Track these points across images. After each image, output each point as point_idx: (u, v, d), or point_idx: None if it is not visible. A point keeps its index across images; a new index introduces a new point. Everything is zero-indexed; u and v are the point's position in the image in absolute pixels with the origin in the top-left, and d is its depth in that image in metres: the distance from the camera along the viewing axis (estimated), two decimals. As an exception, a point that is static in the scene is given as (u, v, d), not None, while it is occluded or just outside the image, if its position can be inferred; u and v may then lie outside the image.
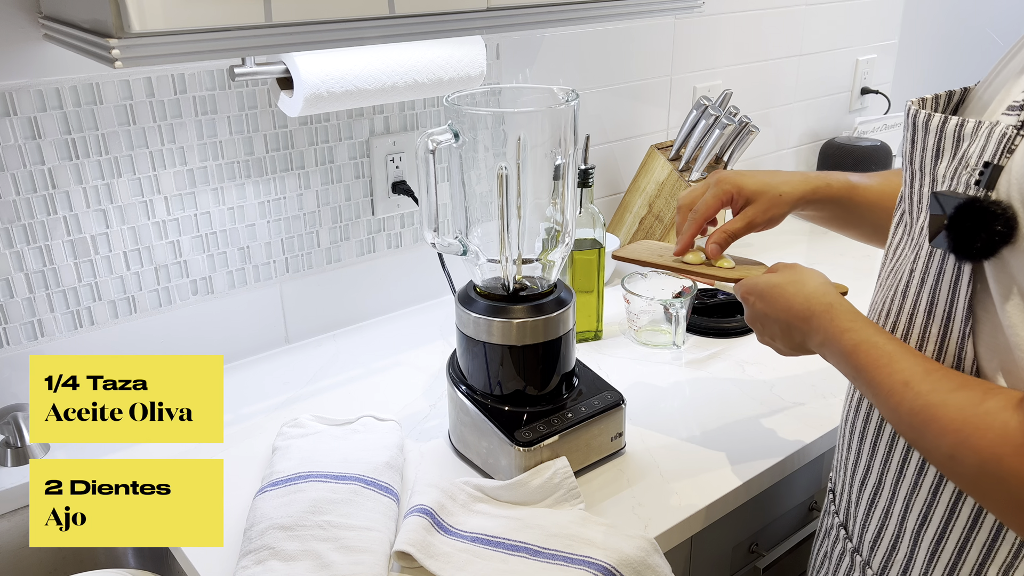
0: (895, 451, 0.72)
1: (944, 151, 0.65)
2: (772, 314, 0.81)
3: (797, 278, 0.80)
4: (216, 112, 1.09)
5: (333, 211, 1.23)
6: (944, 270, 0.65)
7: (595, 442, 0.95)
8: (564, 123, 0.89)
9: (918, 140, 0.68)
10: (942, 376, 0.63)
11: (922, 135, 0.67)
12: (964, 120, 0.64)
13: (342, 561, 0.78)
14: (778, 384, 1.14)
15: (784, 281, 0.81)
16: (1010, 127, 0.59)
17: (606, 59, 1.49)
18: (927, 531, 0.69)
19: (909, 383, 0.64)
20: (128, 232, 1.06)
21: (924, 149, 0.67)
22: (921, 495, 0.69)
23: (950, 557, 0.68)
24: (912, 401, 0.63)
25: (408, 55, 1.04)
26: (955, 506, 0.67)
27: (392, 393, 1.13)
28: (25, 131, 0.96)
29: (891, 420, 0.66)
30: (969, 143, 0.62)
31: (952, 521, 0.67)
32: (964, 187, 0.61)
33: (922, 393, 0.62)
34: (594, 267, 1.22)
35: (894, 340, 0.68)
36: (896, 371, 0.65)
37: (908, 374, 0.64)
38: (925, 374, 0.63)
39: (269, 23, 0.77)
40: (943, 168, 0.65)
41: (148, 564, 1.00)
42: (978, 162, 0.60)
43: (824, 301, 0.76)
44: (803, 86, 1.90)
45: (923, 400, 0.62)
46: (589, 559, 0.80)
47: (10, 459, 0.97)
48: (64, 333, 1.05)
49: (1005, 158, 0.58)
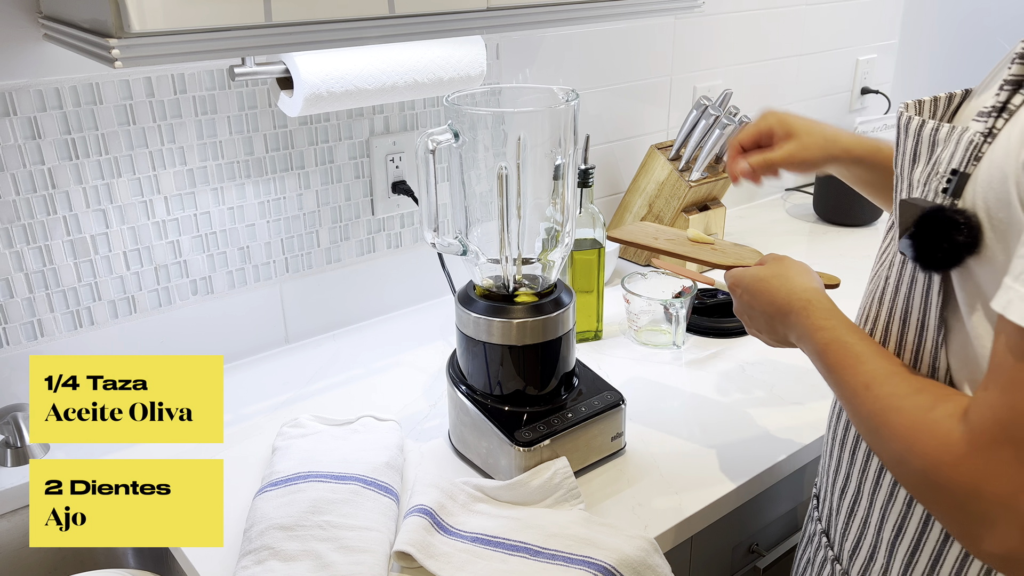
0: (872, 460, 0.71)
1: (920, 156, 0.64)
2: (757, 307, 0.81)
3: (782, 272, 0.80)
4: (216, 112, 1.09)
5: (333, 211, 1.23)
6: (916, 278, 0.64)
7: (595, 442, 0.95)
8: (564, 123, 0.89)
9: (899, 143, 0.67)
10: (901, 380, 0.62)
11: (903, 138, 0.67)
12: (939, 124, 0.62)
13: (342, 561, 0.78)
14: (778, 384, 1.14)
15: (769, 275, 0.81)
16: (978, 134, 0.57)
17: (606, 59, 1.49)
18: (902, 542, 0.69)
19: (870, 385, 0.63)
20: (128, 232, 1.06)
21: (903, 153, 0.67)
22: (896, 505, 0.69)
23: (924, 568, 0.68)
24: (871, 404, 0.62)
25: (408, 55, 1.04)
26: (928, 517, 0.67)
27: (392, 393, 1.13)
28: (25, 131, 0.96)
29: (854, 422, 0.66)
30: (942, 148, 0.61)
31: (926, 532, 0.67)
32: (933, 194, 0.60)
33: (880, 396, 0.62)
34: (594, 267, 1.22)
35: (866, 340, 0.67)
36: (860, 372, 0.65)
37: (871, 376, 0.64)
38: (887, 376, 0.63)
39: (269, 23, 0.77)
40: (918, 173, 0.64)
41: (148, 564, 1.00)
42: (947, 169, 0.59)
43: (804, 297, 0.75)
44: (803, 86, 1.90)
45: (880, 403, 0.62)
46: (589, 559, 0.80)
47: (10, 459, 0.97)
48: (64, 333, 1.05)
49: (972, 166, 0.57)
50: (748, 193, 1.89)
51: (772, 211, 1.87)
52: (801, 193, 1.96)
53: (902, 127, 0.67)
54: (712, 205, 1.52)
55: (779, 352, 1.22)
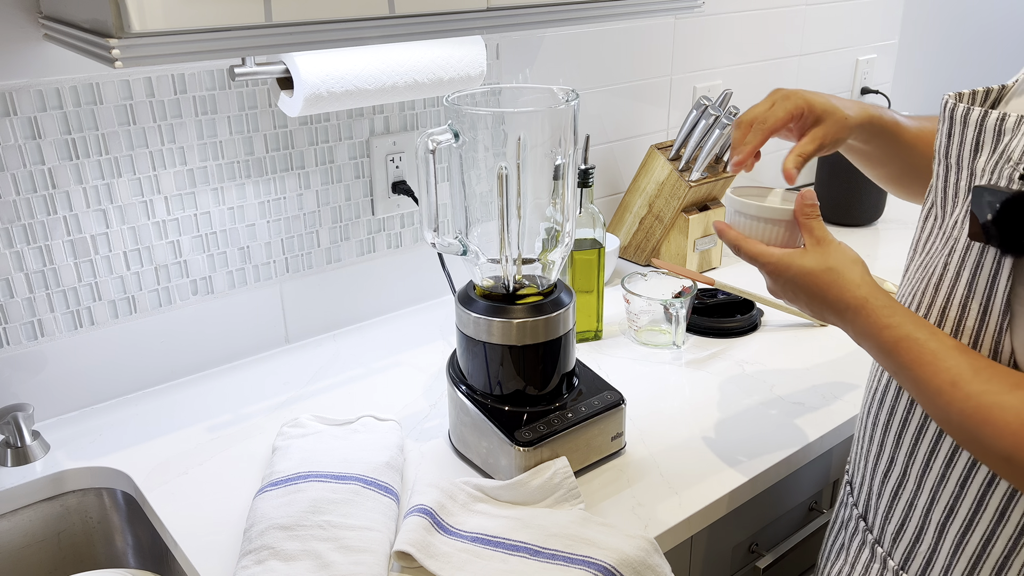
0: (921, 443, 0.72)
1: (984, 145, 0.65)
2: (803, 298, 0.78)
3: (832, 265, 0.76)
4: (216, 112, 1.09)
5: (333, 211, 1.23)
6: (982, 264, 0.64)
7: (595, 442, 0.95)
8: (564, 123, 0.89)
9: (955, 134, 0.68)
10: (992, 375, 0.62)
11: (960, 129, 0.67)
12: (1006, 114, 0.64)
13: (342, 561, 0.78)
14: (778, 384, 1.14)
15: (819, 268, 0.77)
16: None
17: (606, 59, 1.49)
18: (953, 523, 0.70)
19: (957, 383, 0.63)
20: (128, 232, 1.06)
21: (962, 143, 0.67)
22: (948, 488, 0.70)
23: (975, 550, 0.69)
24: (963, 402, 0.62)
25: (408, 55, 1.04)
26: (983, 499, 0.67)
27: (392, 393, 1.13)
28: (25, 131, 0.96)
29: (938, 419, 0.65)
30: (1011, 137, 0.62)
31: (979, 514, 0.68)
32: (1006, 181, 0.61)
33: (973, 394, 0.62)
34: (594, 267, 1.22)
35: (938, 335, 0.67)
36: (942, 370, 0.64)
37: (955, 373, 0.63)
38: (974, 373, 0.63)
39: (269, 23, 0.77)
40: (982, 162, 0.65)
41: (148, 564, 1.00)
42: (1021, 156, 0.60)
43: (859, 295, 0.73)
44: (803, 86, 1.89)
45: (975, 401, 0.61)
46: (589, 559, 0.80)
47: (10, 459, 0.97)
48: (64, 333, 1.05)
49: None
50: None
51: (772, 211, 1.87)
52: (801, 193, 1.96)
53: (959, 118, 0.67)
54: (712, 205, 1.52)
55: (779, 352, 1.22)
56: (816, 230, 0.79)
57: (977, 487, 0.67)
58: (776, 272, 0.79)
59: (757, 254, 0.81)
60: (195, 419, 1.07)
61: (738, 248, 0.82)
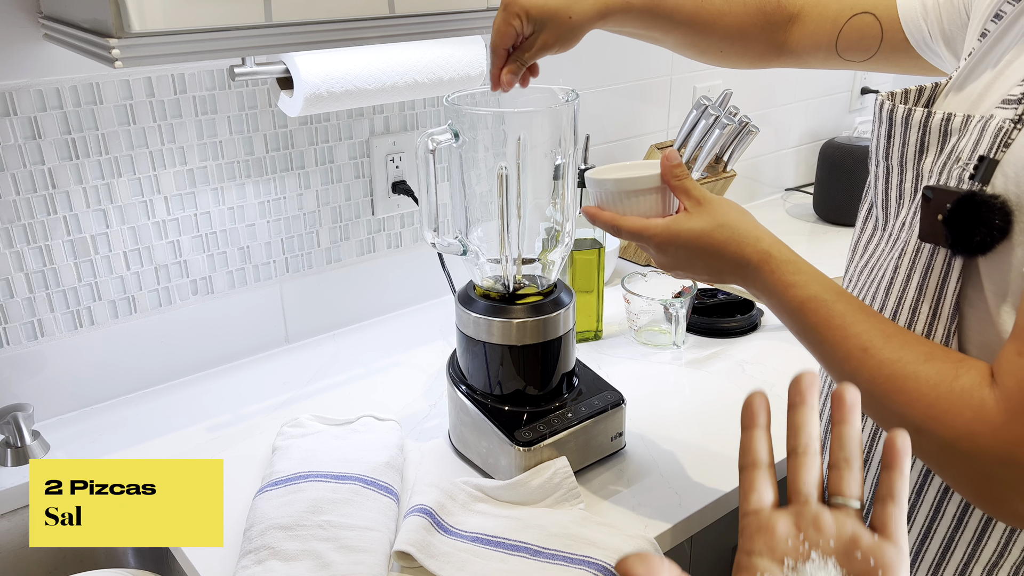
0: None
1: (929, 146, 0.65)
2: (700, 263, 0.74)
3: (723, 221, 0.73)
4: (216, 112, 1.09)
5: (333, 211, 1.23)
6: (932, 266, 0.64)
7: (595, 442, 0.95)
8: (564, 123, 0.89)
9: (895, 135, 0.67)
10: (903, 342, 0.61)
11: (901, 130, 0.67)
12: (951, 114, 0.63)
13: (342, 561, 0.78)
14: (778, 384, 1.14)
15: (710, 226, 0.73)
16: (1007, 121, 0.58)
17: (606, 59, 1.49)
18: (911, 531, 0.69)
19: (868, 349, 0.62)
20: (128, 232, 1.06)
21: (905, 144, 0.67)
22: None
23: (934, 557, 0.68)
24: (875, 370, 0.61)
25: (408, 55, 1.04)
26: (939, 506, 0.67)
27: (392, 393, 1.13)
28: (25, 131, 0.96)
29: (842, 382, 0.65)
30: (958, 137, 0.62)
31: (936, 521, 0.67)
32: (956, 181, 0.61)
33: (886, 362, 0.61)
34: (594, 267, 1.22)
35: (845, 296, 0.66)
36: (852, 335, 0.63)
37: (866, 339, 0.62)
38: (885, 339, 0.62)
39: (269, 23, 0.77)
40: (929, 163, 0.65)
41: (148, 564, 1.00)
42: (971, 156, 0.60)
43: (760, 248, 0.71)
44: (803, 86, 1.90)
45: (888, 370, 0.60)
46: (589, 559, 0.80)
47: (10, 459, 0.97)
48: (64, 333, 1.05)
49: (1001, 152, 0.58)
50: (748, 193, 1.89)
51: (772, 211, 1.87)
52: (801, 193, 1.96)
53: (899, 120, 0.67)
54: (712, 205, 1.52)
55: (779, 352, 1.22)
56: (693, 190, 0.75)
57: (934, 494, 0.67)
58: (665, 243, 0.74)
59: (640, 229, 0.75)
60: (195, 419, 1.07)
61: (617, 228, 0.77)
